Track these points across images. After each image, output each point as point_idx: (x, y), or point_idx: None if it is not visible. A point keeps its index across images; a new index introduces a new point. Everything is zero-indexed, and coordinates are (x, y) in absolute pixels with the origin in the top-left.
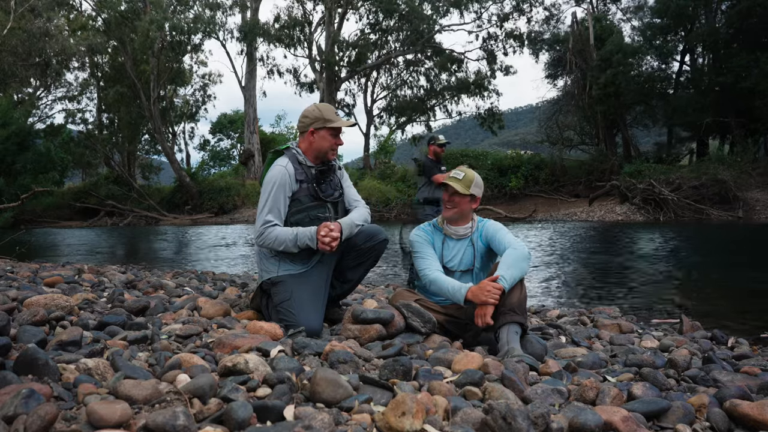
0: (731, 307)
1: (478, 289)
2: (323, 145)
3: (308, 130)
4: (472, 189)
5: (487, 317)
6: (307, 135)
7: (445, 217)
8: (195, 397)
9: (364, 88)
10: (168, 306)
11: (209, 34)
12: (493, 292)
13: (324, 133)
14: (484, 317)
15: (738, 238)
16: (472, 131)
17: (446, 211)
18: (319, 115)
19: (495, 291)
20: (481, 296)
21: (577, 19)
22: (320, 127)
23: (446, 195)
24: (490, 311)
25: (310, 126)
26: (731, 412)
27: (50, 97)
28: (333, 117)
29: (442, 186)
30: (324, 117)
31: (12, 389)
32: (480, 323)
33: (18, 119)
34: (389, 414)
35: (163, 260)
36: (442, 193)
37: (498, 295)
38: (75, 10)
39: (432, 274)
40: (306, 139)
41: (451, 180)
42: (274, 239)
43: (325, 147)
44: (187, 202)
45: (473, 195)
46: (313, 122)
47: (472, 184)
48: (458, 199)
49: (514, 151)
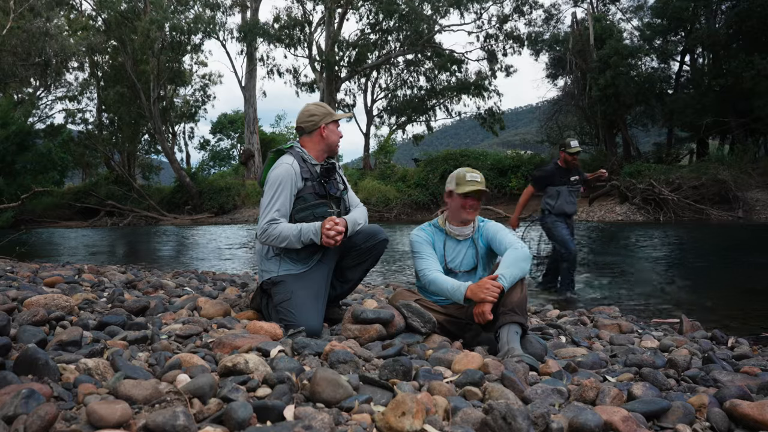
0: (731, 307)
1: (477, 287)
2: (335, 138)
3: (319, 127)
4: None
5: (486, 315)
6: (318, 132)
7: (469, 219)
8: (195, 397)
9: (364, 88)
10: (168, 306)
11: (209, 34)
12: (492, 290)
13: (332, 126)
14: (483, 315)
15: (738, 238)
16: (472, 131)
17: (471, 214)
18: (326, 111)
19: (494, 289)
20: (480, 294)
21: (576, 20)
22: (330, 122)
23: (474, 201)
24: (488, 309)
25: (320, 122)
26: (731, 412)
27: (50, 97)
28: (332, 110)
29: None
30: (330, 112)
31: (12, 389)
32: (479, 321)
33: (18, 119)
34: (389, 414)
35: (163, 260)
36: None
37: (497, 293)
38: (75, 10)
39: (431, 275)
40: (316, 136)
41: (479, 185)
42: (277, 235)
43: (337, 139)
44: (187, 202)
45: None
46: (323, 118)
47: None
48: (478, 202)
49: (514, 151)
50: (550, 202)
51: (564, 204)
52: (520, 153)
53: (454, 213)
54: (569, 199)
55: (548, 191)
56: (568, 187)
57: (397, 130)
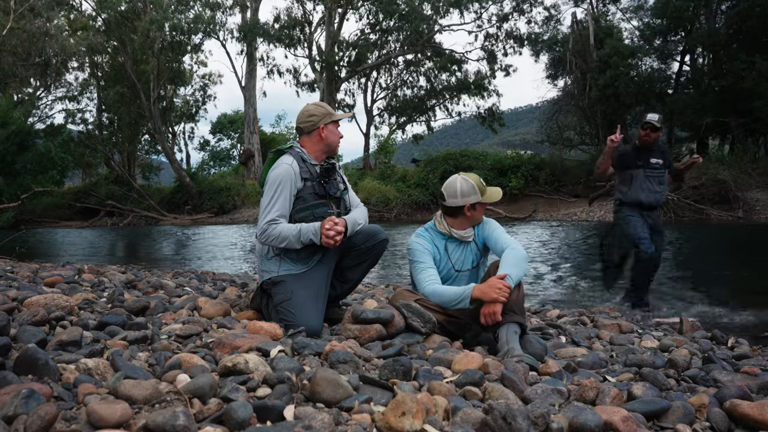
0: (731, 307)
1: (488, 287)
2: (334, 139)
3: (318, 127)
4: None
5: (497, 315)
6: (317, 132)
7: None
8: (195, 397)
9: (364, 88)
10: (168, 306)
11: (209, 34)
12: (504, 290)
13: (332, 126)
14: (494, 315)
15: (738, 238)
16: (472, 131)
17: (480, 216)
18: (325, 111)
19: (505, 289)
20: (492, 294)
21: (576, 20)
22: (329, 122)
23: (481, 209)
24: (500, 309)
25: (320, 123)
26: (731, 412)
27: (50, 97)
28: (334, 111)
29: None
30: (329, 112)
31: (12, 389)
32: (488, 322)
33: (18, 119)
34: (389, 414)
35: (163, 260)
36: (643, 193)
37: (508, 292)
38: (75, 10)
39: (430, 287)
40: (315, 137)
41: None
42: (277, 235)
43: (336, 140)
44: (187, 202)
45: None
46: (322, 118)
47: None
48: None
49: (514, 151)
50: (623, 189)
51: (639, 192)
52: (520, 153)
53: (473, 221)
54: (647, 185)
55: (621, 176)
56: (646, 171)
57: (397, 130)
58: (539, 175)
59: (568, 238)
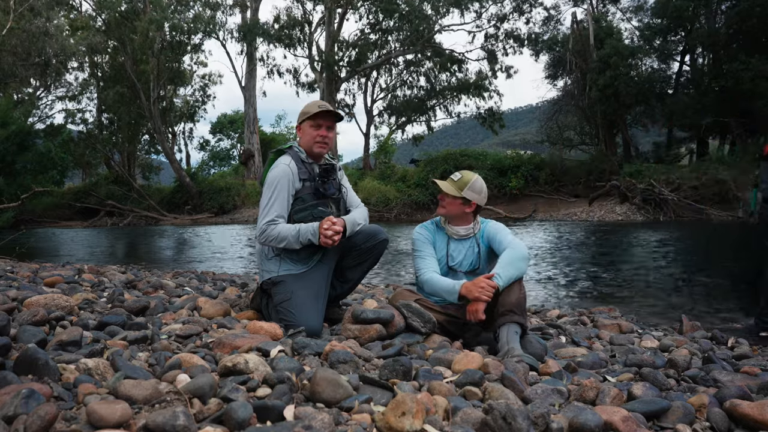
0: (731, 307)
1: (472, 284)
2: (307, 138)
3: (298, 127)
4: (465, 192)
5: (479, 314)
6: (298, 132)
7: (439, 215)
8: (195, 397)
9: (364, 88)
10: (168, 306)
11: (209, 34)
12: (487, 288)
13: (305, 125)
14: (476, 313)
15: (738, 238)
16: (472, 131)
17: (438, 209)
18: (304, 109)
19: (488, 288)
20: (474, 292)
21: (576, 20)
22: (302, 121)
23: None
24: (482, 308)
25: (299, 122)
26: (731, 412)
27: (50, 97)
28: (312, 108)
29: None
30: (305, 110)
31: (12, 389)
32: (471, 319)
33: (18, 119)
34: (389, 414)
35: (163, 260)
36: None
37: (491, 292)
38: (75, 10)
39: (426, 275)
40: (300, 136)
41: (446, 181)
42: (276, 236)
43: (309, 140)
44: (187, 202)
45: (465, 198)
46: (300, 117)
47: (466, 187)
48: (448, 200)
49: (514, 151)
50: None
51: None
52: (520, 153)
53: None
54: None
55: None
56: None
57: (397, 130)
58: (539, 175)
59: (569, 238)
